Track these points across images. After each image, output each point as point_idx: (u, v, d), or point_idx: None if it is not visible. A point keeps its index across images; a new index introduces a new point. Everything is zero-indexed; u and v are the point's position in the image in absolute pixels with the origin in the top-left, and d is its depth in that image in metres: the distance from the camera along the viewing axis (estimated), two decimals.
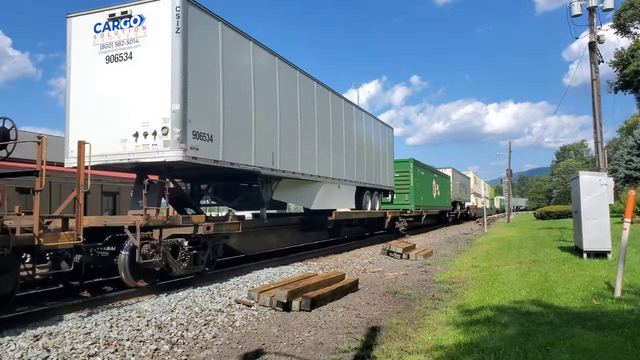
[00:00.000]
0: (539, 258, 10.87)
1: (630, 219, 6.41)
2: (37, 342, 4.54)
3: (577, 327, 4.84)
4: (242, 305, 6.55)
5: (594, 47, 18.69)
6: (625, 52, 42.67)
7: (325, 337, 5.25)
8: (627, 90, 44.60)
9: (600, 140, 18.65)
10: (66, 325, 5.10)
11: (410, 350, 4.51)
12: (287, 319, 6.06)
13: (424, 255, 13.03)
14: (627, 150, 36.27)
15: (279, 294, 6.48)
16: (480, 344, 4.39)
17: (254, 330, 5.55)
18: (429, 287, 8.30)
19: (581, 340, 4.38)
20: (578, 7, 18.93)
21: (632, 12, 41.95)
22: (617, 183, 34.66)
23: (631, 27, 43.79)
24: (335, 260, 11.94)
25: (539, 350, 4.13)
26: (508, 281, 7.98)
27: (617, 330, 4.64)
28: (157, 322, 5.40)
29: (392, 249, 13.37)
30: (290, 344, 4.99)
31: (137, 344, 4.74)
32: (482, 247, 15.75)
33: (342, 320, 6.01)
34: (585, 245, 9.95)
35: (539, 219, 38.43)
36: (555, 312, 5.57)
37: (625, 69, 42.12)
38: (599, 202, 9.80)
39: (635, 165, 34.44)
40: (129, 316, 5.56)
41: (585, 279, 7.59)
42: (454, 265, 11.10)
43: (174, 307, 6.08)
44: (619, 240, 6.69)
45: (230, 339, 5.21)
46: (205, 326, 5.54)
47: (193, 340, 5.07)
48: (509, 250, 13.62)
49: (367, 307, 6.74)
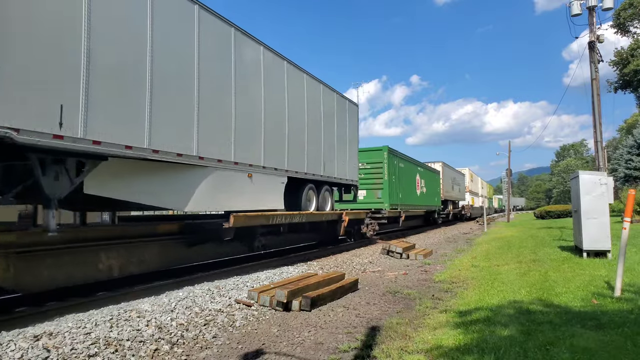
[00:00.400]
0: (539, 257, 10.87)
1: (630, 218, 6.42)
2: (37, 342, 4.54)
3: (577, 327, 4.84)
4: (242, 305, 6.56)
5: (593, 47, 18.71)
6: (625, 51, 42.69)
7: (325, 336, 5.25)
8: (626, 90, 44.64)
9: (600, 139, 18.67)
10: (66, 326, 5.10)
11: (410, 350, 4.51)
12: (287, 319, 6.06)
13: (424, 255, 13.04)
14: (626, 150, 36.26)
15: (278, 294, 6.48)
16: (480, 343, 4.39)
17: (254, 330, 5.55)
18: (429, 286, 8.31)
19: (581, 339, 4.38)
20: (578, 6, 18.97)
21: (632, 12, 41.96)
22: (616, 182, 34.68)
23: (631, 27, 43.81)
24: (335, 260, 11.95)
25: (539, 350, 4.14)
26: (508, 281, 7.98)
27: (617, 329, 4.65)
28: (157, 322, 5.40)
29: (392, 248, 13.38)
30: (290, 344, 4.99)
31: (137, 344, 4.74)
32: (482, 246, 15.76)
33: (342, 320, 6.02)
34: (585, 244, 9.95)
35: (539, 219, 38.46)
36: (555, 311, 5.57)
37: (624, 68, 42.14)
38: (598, 202, 9.80)
39: (635, 164, 34.43)
40: (129, 316, 5.56)
41: (585, 279, 7.60)
42: (454, 264, 11.10)
43: (174, 307, 6.08)
44: (618, 239, 6.69)
45: (230, 339, 5.21)
46: (205, 326, 5.54)
47: (193, 340, 5.07)
48: (508, 249, 13.62)
49: (367, 307, 6.74)
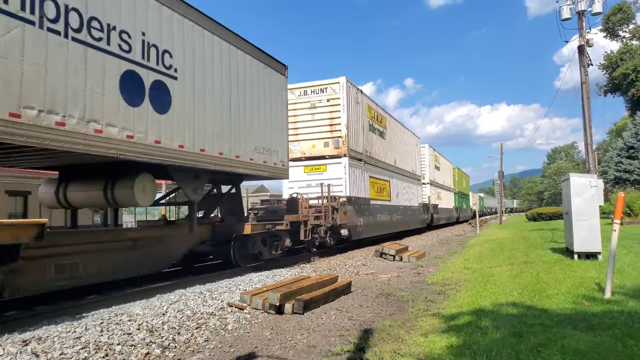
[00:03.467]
0: (531, 259, 10.94)
1: (620, 220, 6.47)
2: (25, 347, 4.48)
3: (568, 328, 4.87)
4: (235, 308, 6.52)
5: (583, 51, 18.92)
6: (615, 55, 43.27)
7: (318, 339, 5.23)
8: (616, 93, 45.24)
9: (590, 142, 18.86)
10: (55, 330, 5.05)
11: (402, 352, 4.51)
12: (280, 322, 6.04)
13: (417, 257, 13.06)
14: (616, 152, 36.68)
15: (271, 297, 6.46)
16: (472, 345, 4.41)
17: (246, 334, 5.52)
18: (422, 288, 8.32)
19: (572, 341, 4.40)
20: (567, 11, 19.17)
21: (621, 16, 42.56)
22: (607, 185, 35.02)
23: (620, 31, 44.41)
24: (329, 263, 11.93)
25: (531, 352, 4.15)
26: (500, 283, 8.02)
27: (608, 331, 4.68)
28: (149, 326, 5.36)
29: (384, 251, 13.39)
30: (282, 347, 4.97)
31: (128, 348, 4.70)
32: (474, 248, 15.82)
33: (335, 322, 6.00)
34: (576, 246, 10.03)
35: (531, 221, 38.73)
36: (547, 313, 5.60)
37: (614, 72, 42.71)
38: (589, 204, 9.89)
39: (625, 167, 34.83)
40: (119, 320, 5.51)
41: (576, 280, 7.65)
42: (447, 267, 11.13)
43: (166, 311, 6.04)
44: (609, 241, 6.74)
45: (222, 342, 5.17)
46: (197, 329, 5.50)
47: (185, 344, 5.03)
48: (501, 251, 13.69)
49: (360, 310, 6.74)
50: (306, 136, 16.11)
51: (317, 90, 16.07)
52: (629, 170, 34.49)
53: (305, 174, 15.94)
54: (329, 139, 15.78)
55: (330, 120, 15.84)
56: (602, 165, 39.22)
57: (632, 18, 42.91)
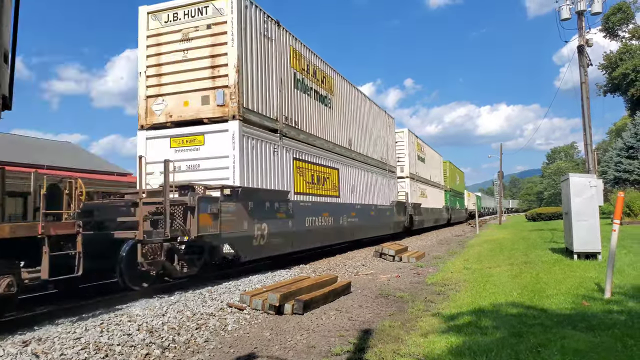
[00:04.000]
0: (530, 260, 10.94)
1: (620, 221, 6.47)
2: (25, 348, 4.48)
3: (568, 328, 4.87)
4: (234, 308, 6.52)
5: (582, 51, 18.93)
6: (614, 55, 43.28)
7: (318, 340, 5.23)
8: (615, 93, 45.24)
9: (589, 142, 18.87)
10: (55, 330, 5.05)
11: (402, 352, 4.51)
12: (280, 323, 6.04)
13: (416, 258, 13.06)
14: (616, 152, 36.70)
15: (271, 297, 6.46)
16: (472, 345, 4.41)
17: (246, 334, 5.52)
18: (421, 289, 8.32)
19: (572, 341, 4.41)
20: (567, 11, 19.18)
21: (621, 16, 42.58)
22: (606, 185, 35.01)
23: (619, 31, 44.42)
24: (328, 263, 11.94)
25: (530, 352, 4.16)
26: (500, 283, 8.02)
27: (607, 331, 4.68)
28: (149, 327, 5.36)
29: (384, 251, 13.40)
30: (282, 348, 4.97)
31: (128, 348, 4.70)
32: (474, 249, 15.83)
33: (335, 323, 6.01)
34: (576, 246, 10.03)
35: (531, 221, 38.75)
36: (547, 313, 5.61)
37: (613, 72, 42.72)
38: (588, 204, 9.89)
39: (625, 167, 34.85)
40: (119, 320, 5.51)
41: (575, 280, 7.65)
42: (446, 267, 11.14)
43: (166, 311, 6.04)
44: (608, 241, 6.75)
45: (222, 343, 5.18)
46: (197, 330, 5.50)
47: (184, 344, 5.04)
48: (500, 252, 13.70)
49: (359, 310, 6.74)
50: (175, 87, 10.03)
51: (194, 11, 10.12)
52: (628, 170, 34.51)
53: (172, 150, 9.87)
54: (210, 89, 9.78)
55: (212, 59, 9.84)
56: (602, 166, 39.23)
57: (632, 18, 42.96)
